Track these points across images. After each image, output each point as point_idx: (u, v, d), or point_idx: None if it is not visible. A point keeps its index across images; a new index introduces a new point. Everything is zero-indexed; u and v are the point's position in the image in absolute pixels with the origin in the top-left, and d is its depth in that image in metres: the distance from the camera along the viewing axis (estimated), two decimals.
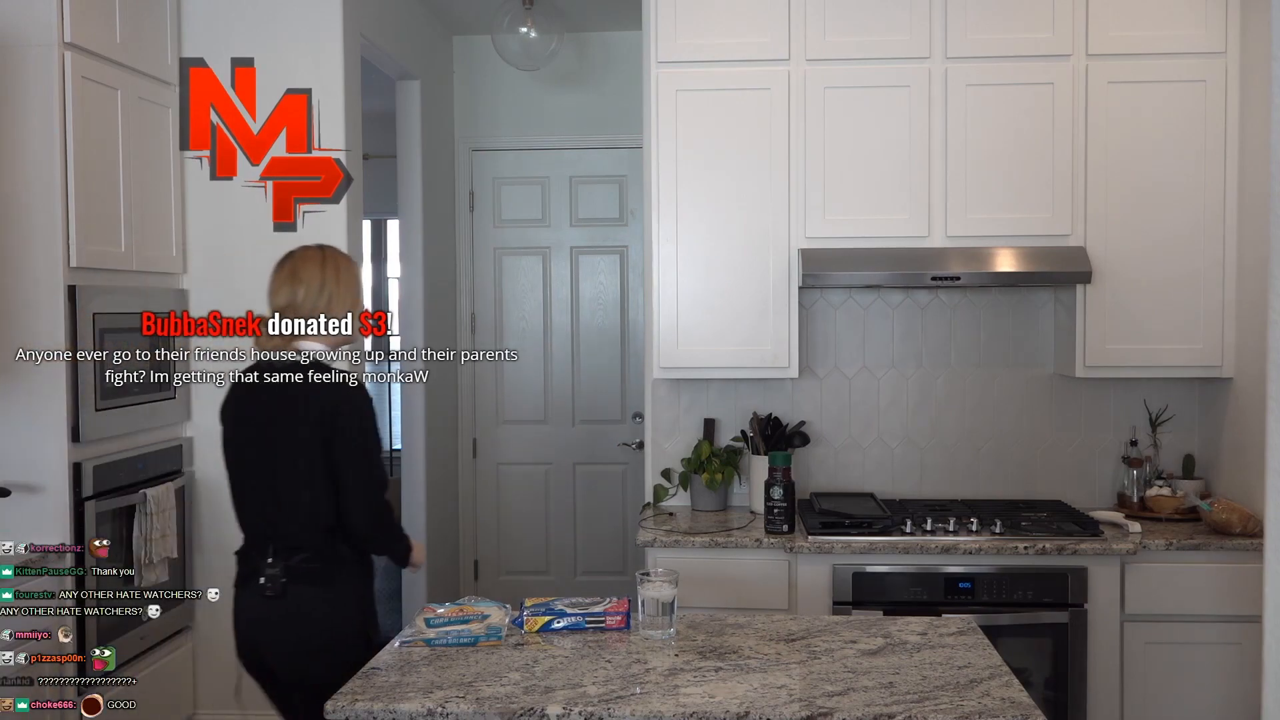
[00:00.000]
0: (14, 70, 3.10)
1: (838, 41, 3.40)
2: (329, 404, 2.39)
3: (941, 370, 3.69)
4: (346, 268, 2.57)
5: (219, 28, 3.78)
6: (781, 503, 3.25)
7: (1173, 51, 3.35)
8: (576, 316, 5.25)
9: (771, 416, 3.64)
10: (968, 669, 2.08)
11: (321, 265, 2.53)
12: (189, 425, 3.82)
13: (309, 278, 2.51)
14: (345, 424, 2.38)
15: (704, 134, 3.42)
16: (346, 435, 2.39)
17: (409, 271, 4.79)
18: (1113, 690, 3.14)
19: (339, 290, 2.52)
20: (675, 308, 3.46)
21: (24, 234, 3.13)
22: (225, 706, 3.85)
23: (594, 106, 5.16)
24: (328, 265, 2.53)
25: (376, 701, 1.91)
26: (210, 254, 3.81)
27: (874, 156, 3.39)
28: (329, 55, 3.78)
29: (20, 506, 3.13)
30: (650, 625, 2.27)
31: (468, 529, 5.30)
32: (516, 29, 4.58)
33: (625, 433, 5.18)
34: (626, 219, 5.20)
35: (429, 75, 4.83)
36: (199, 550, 3.82)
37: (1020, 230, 3.36)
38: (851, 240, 3.40)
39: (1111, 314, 3.37)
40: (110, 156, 3.35)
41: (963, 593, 3.12)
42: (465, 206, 5.24)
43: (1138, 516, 3.37)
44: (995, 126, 3.37)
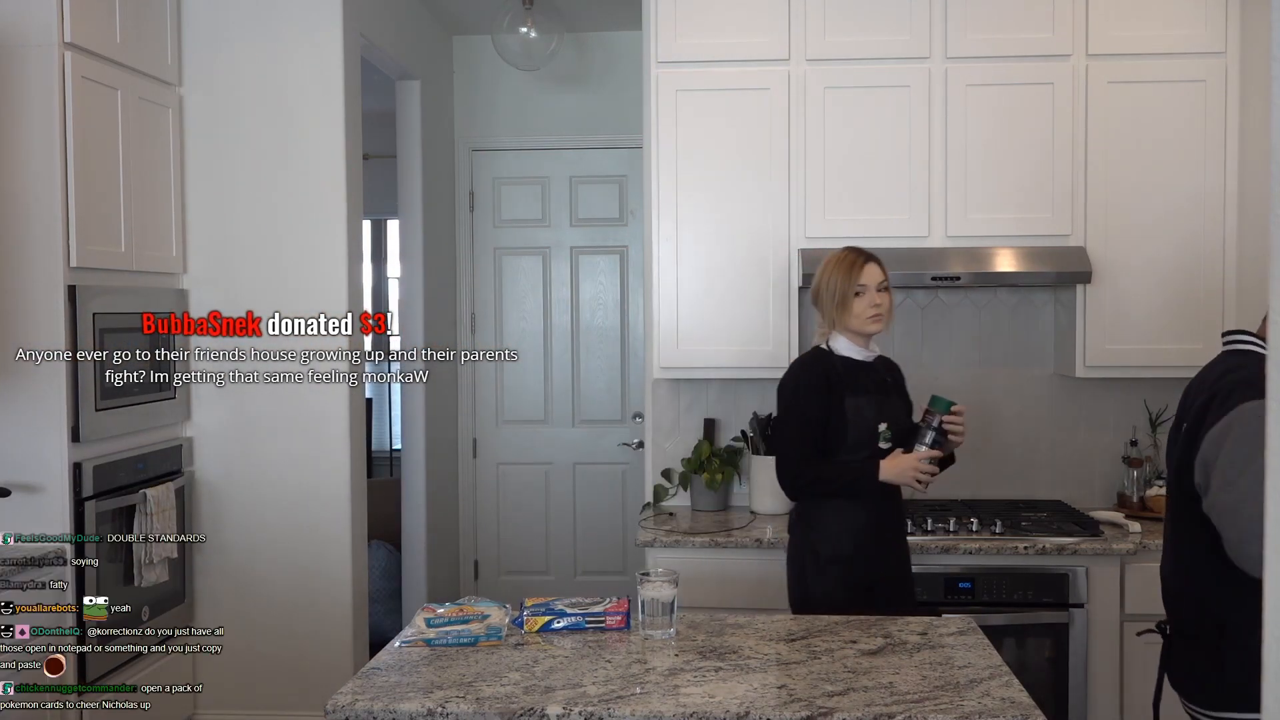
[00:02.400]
0: (14, 70, 3.10)
1: (838, 41, 3.40)
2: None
3: (941, 370, 3.69)
4: None
5: (219, 28, 3.77)
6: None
7: (1172, 51, 3.35)
8: (576, 316, 5.24)
9: (771, 416, 3.64)
10: (968, 669, 2.08)
11: None
12: (189, 425, 3.82)
13: None
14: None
15: (704, 134, 3.42)
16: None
17: (409, 271, 4.79)
18: (1113, 690, 3.14)
19: None
20: (675, 308, 3.45)
21: (24, 234, 3.13)
22: (225, 706, 3.86)
23: (594, 106, 5.16)
24: None
25: (376, 701, 1.91)
26: (210, 254, 3.81)
27: (874, 156, 3.39)
28: (329, 55, 3.78)
29: (20, 506, 3.13)
30: (650, 625, 2.27)
31: (468, 529, 5.30)
32: (516, 29, 4.58)
33: (625, 433, 5.18)
34: (626, 219, 5.20)
35: (429, 75, 4.83)
36: (199, 550, 3.82)
37: (1020, 230, 3.36)
38: (851, 240, 3.38)
39: (1111, 314, 3.37)
40: (110, 156, 3.35)
41: (963, 593, 3.12)
42: (465, 206, 5.24)
43: (1138, 516, 3.37)
44: (995, 127, 3.37)
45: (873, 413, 2.72)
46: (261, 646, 3.83)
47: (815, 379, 2.75)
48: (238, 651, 3.82)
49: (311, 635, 3.82)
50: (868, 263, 2.76)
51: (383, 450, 7.39)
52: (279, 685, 3.83)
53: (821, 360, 2.78)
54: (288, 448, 3.82)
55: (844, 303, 2.74)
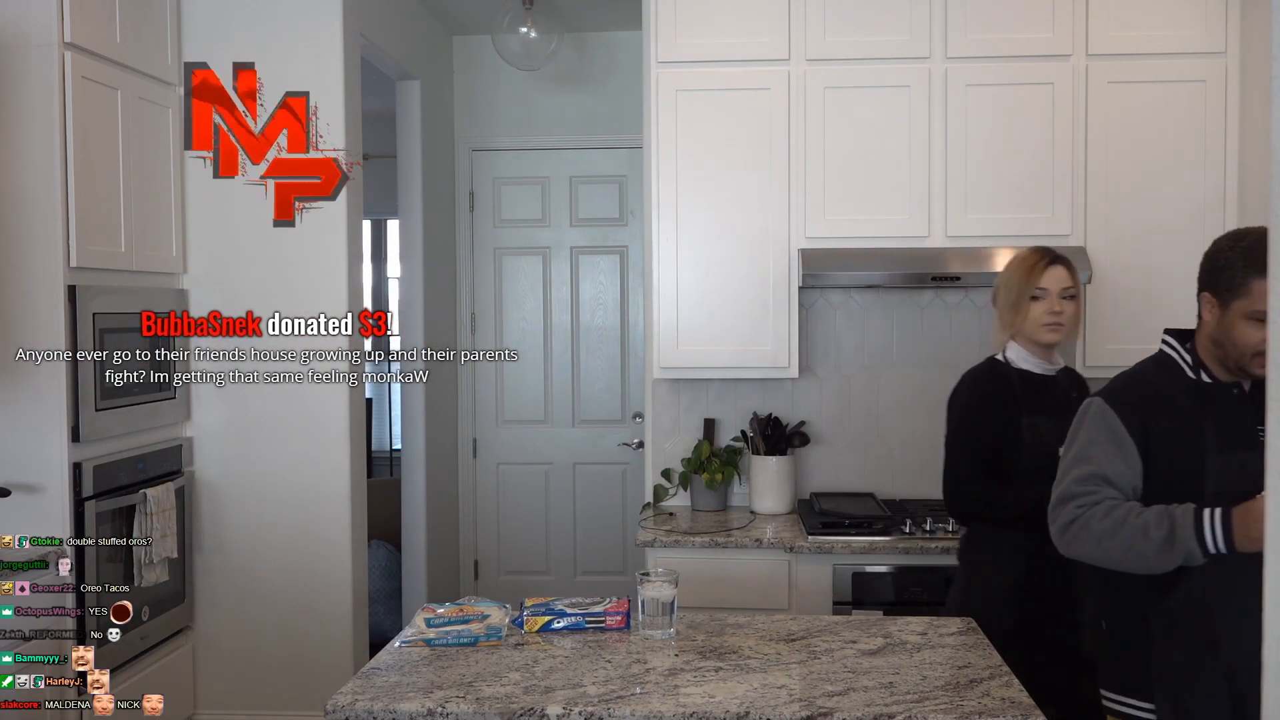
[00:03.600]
0: (14, 70, 3.10)
1: (838, 41, 3.40)
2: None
3: (942, 370, 3.68)
4: None
5: (219, 28, 3.77)
6: None
7: (1172, 51, 3.35)
8: (576, 316, 5.24)
9: (771, 416, 3.64)
10: (968, 669, 2.08)
11: None
12: (189, 425, 3.82)
13: None
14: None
15: (704, 134, 3.42)
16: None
17: (409, 271, 4.79)
18: None
19: None
20: (675, 308, 3.45)
21: (24, 234, 3.13)
22: (225, 706, 3.86)
23: (594, 106, 5.16)
24: None
25: (376, 701, 1.91)
26: (210, 254, 3.81)
27: (874, 156, 3.39)
28: (329, 55, 3.78)
29: (20, 506, 3.13)
30: (650, 625, 2.27)
31: (468, 529, 5.30)
32: (516, 29, 4.58)
33: (625, 433, 5.18)
34: (626, 219, 5.20)
35: (429, 75, 4.83)
36: (199, 550, 3.82)
37: (1020, 230, 3.36)
38: (851, 240, 3.40)
39: (1111, 314, 3.37)
40: (110, 156, 3.35)
41: None
42: (465, 206, 5.24)
43: None
44: (995, 126, 3.37)
45: (1054, 434, 2.43)
46: (261, 646, 3.83)
47: (985, 396, 2.57)
48: (238, 651, 3.83)
49: (311, 635, 3.82)
50: (1051, 264, 2.57)
51: (383, 450, 7.39)
52: (279, 685, 3.83)
53: (996, 372, 2.60)
54: (288, 448, 3.82)
55: (1018, 306, 2.56)
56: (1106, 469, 2.08)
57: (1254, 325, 2.06)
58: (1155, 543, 1.99)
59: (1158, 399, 2.12)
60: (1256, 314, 2.04)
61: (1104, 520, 2.05)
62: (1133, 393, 2.14)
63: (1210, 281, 2.13)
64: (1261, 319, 2.03)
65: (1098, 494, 2.08)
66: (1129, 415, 2.09)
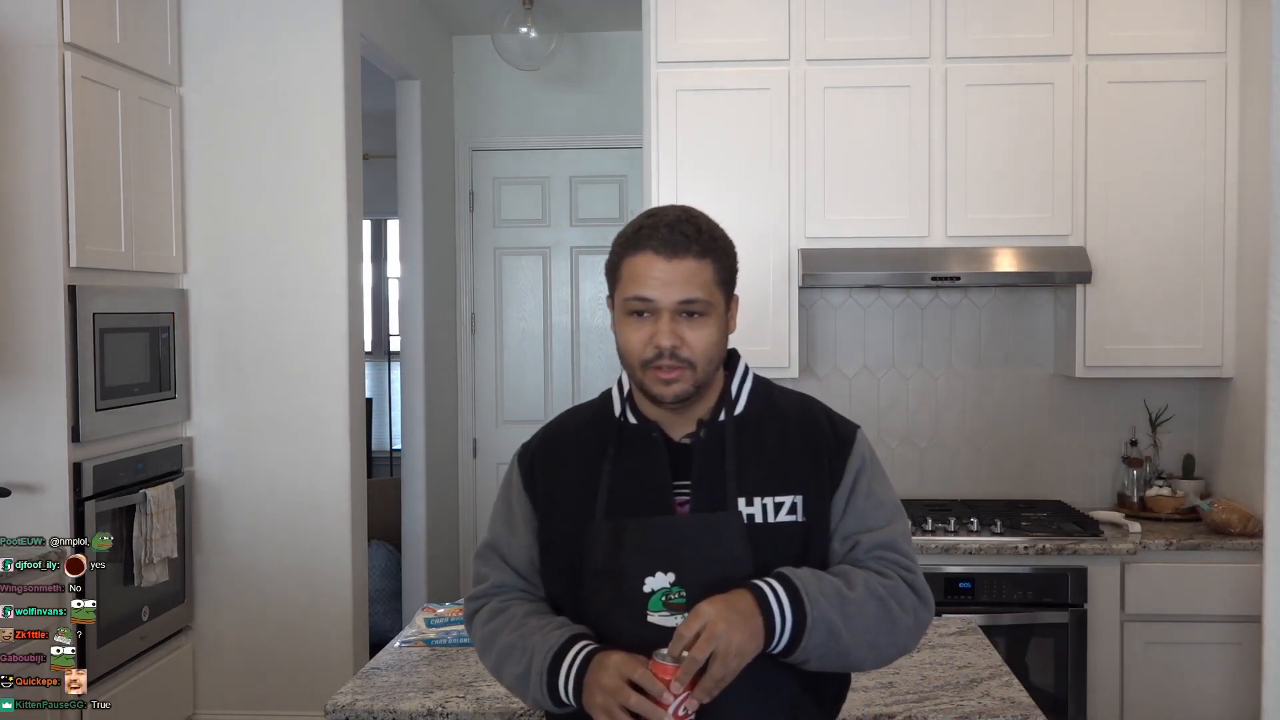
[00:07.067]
0: (14, 70, 3.10)
1: (837, 42, 3.39)
2: None
3: (941, 370, 3.69)
4: None
5: (219, 27, 3.77)
6: None
7: (1172, 51, 3.34)
8: (576, 316, 5.25)
9: None
10: (968, 669, 2.08)
11: None
12: (189, 425, 3.82)
13: None
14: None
15: (704, 134, 3.42)
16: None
17: (409, 271, 4.79)
18: (1113, 690, 3.14)
19: None
20: None
21: (24, 234, 3.13)
22: (225, 706, 3.86)
23: (594, 106, 5.16)
24: None
25: (376, 701, 1.91)
26: (210, 254, 3.81)
27: (874, 156, 3.39)
28: (329, 55, 3.78)
29: (20, 506, 3.13)
30: None
31: (468, 529, 5.30)
32: (516, 29, 4.58)
33: None
34: (626, 219, 5.19)
35: (429, 75, 4.83)
36: (199, 550, 3.82)
37: (1020, 230, 3.36)
38: (851, 240, 3.40)
39: (1111, 314, 3.37)
40: (110, 156, 3.35)
41: (963, 593, 3.12)
42: (465, 206, 5.24)
43: (1138, 516, 3.37)
44: (995, 126, 3.37)
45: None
46: (261, 646, 3.82)
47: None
48: (237, 651, 3.82)
49: (311, 635, 3.82)
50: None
51: (383, 450, 7.39)
52: (279, 685, 3.83)
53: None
54: (288, 448, 3.81)
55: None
56: (501, 542, 1.62)
57: (634, 321, 1.50)
58: (517, 681, 1.50)
59: (568, 449, 1.61)
60: (636, 302, 1.49)
61: (487, 625, 1.58)
62: (549, 441, 1.64)
63: (608, 281, 1.58)
64: (640, 311, 1.49)
65: (489, 581, 1.61)
66: (528, 472, 1.61)
